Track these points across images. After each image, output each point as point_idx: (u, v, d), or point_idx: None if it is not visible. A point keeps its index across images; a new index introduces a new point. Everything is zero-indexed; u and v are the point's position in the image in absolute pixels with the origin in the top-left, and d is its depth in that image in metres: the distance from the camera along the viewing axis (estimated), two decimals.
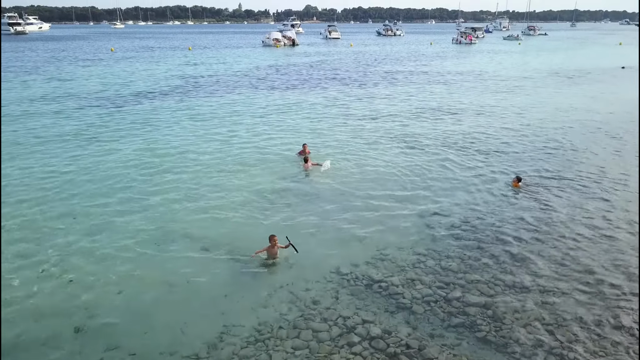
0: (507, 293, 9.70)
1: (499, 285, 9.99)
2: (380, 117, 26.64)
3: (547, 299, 9.48)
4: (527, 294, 9.63)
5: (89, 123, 25.24)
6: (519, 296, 9.57)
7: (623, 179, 16.30)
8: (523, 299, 9.46)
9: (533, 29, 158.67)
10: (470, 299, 9.48)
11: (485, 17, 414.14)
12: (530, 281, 10.11)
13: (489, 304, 9.33)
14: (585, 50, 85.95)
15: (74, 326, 8.75)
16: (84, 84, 40.77)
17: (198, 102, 31.92)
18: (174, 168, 17.52)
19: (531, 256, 11.16)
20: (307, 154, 18.03)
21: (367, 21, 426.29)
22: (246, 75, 47.78)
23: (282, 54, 78.27)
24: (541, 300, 9.45)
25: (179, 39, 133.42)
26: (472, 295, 9.59)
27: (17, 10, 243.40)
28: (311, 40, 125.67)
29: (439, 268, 10.71)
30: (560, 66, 56.05)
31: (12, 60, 62.52)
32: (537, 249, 11.50)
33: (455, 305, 9.32)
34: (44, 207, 13.98)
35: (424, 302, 9.41)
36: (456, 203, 14.34)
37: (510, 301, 9.41)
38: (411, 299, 9.53)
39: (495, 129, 23.73)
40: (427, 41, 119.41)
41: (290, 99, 32.99)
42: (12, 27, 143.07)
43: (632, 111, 27.92)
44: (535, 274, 10.37)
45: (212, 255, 11.30)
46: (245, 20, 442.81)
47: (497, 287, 9.92)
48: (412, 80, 43.84)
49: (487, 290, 9.81)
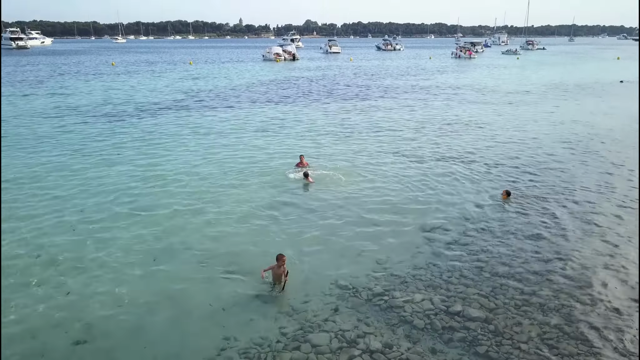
0: (508, 307, 9.64)
1: (499, 299, 9.94)
2: (380, 131, 26.71)
3: (548, 313, 9.43)
4: (527, 308, 9.58)
5: (89, 137, 25.31)
6: (519, 310, 9.52)
7: (622, 193, 16.32)
8: (524, 314, 9.41)
9: (532, 44, 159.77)
10: (471, 312, 9.43)
11: (483, 32, 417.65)
12: (530, 295, 10.06)
13: (490, 318, 9.28)
14: (583, 65, 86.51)
15: (72, 340, 8.70)
16: (84, 98, 40.95)
17: (198, 115, 32.04)
18: (175, 182, 17.53)
19: (531, 270, 11.12)
20: (304, 165, 18.07)
21: (366, 36, 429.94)
22: (247, 89, 48.04)
23: (283, 68, 78.77)
24: (542, 314, 9.40)
25: (180, 54, 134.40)
26: (472, 309, 9.54)
27: (19, 25, 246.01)
28: (311, 54, 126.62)
29: (439, 281, 10.66)
30: (560, 80, 56.36)
31: (14, 74, 62.88)
32: (536, 264, 11.46)
33: (456, 319, 9.26)
34: (43, 219, 13.97)
35: (425, 316, 9.35)
36: (456, 217, 14.32)
37: (511, 316, 9.36)
38: (412, 312, 9.48)
39: (495, 142, 23.79)
40: (427, 55, 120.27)
41: (290, 113, 33.11)
42: (14, 42, 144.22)
43: (630, 125, 28.04)
44: (535, 288, 10.33)
45: (210, 269, 11.26)
46: (246, 35, 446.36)
47: (497, 301, 9.87)
48: (413, 94, 44.05)
49: (487, 304, 9.75)
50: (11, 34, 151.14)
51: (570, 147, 22.76)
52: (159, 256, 11.87)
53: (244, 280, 10.73)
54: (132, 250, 12.12)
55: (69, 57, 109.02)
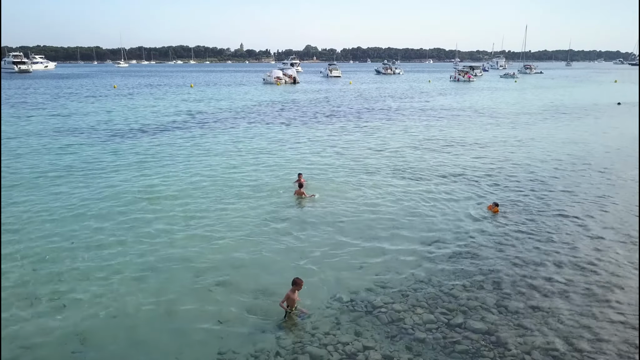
0: (510, 319, 9.48)
1: (502, 311, 9.78)
2: (380, 150, 26.74)
3: (551, 324, 9.27)
4: (530, 320, 9.42)
5: (90, 156, 25.33)
6: (522, 322, 9.35)
7: (617, 212, 16.27)
8: (527, 325, 9.24)
9: (529, 68, 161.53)
10: (473, 324, 9.26)
11: (481, 56, 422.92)
12: (533, 306, 9.90)
13: (493, 330, 9.11)
14: (581, 88, 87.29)
15: (68, 351, 8.53)
16: (85, 119, 41.15)
17: (199, 136, 32.12)
18: (175, 199, 17.46)
19: (533, 282, 10.98)
20: (302, 183, 18.21)
21: (365, 61, 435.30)
22: (247, 110, 48.32)
23: (283, 91, 79.35)
24: (545, 325, 9.24)
25: (181, 77, 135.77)
26: (474, 321, 9.37)
27: (23, 49, 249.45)
28: (311, 78, 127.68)
29: (440, 294, 10.51)
30: (558, 102, 56.76)
31: (15, 96, 63.36)
32: (538, 275, 11.32)
33: (458, 331, 9.10)
34: (41, 233, 13.86)
35: (426, 329, 9.18)
36: (456, 231, 14.22)
37: (514, 327, 9.19)
38: (413, 325, 9.31)
39: (492, 160, 23.78)
40: (426, 79, 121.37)
41: (290, 133, 33.21)
42: (17, 66, 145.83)
43: (628, 145, 28.13)
44: (537, 299, 10.18)
45: (207, 282, 11.12)
46: (247, 60, 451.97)
47: (500, 313, 9.71)
48: (414, 115, 44.26)
49: (489, 316, 9.59)
50: (14, 58, 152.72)
51: (570, 163, 22.76)
52: (155, 269, 11.73)
53: (241, 293, 10.58)
54: (130, 263, 11.99)
55: (71, 81, 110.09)
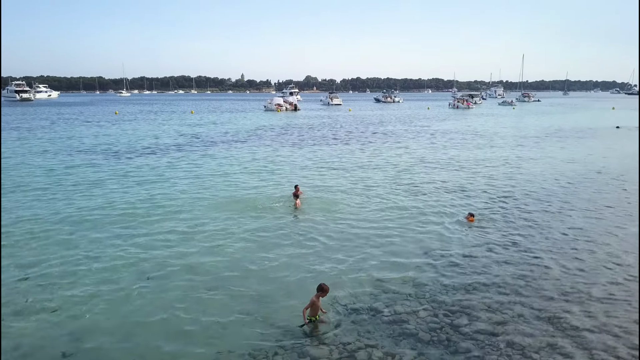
0: (517, 321, 9.21)
1: (507, 313, 9.52)
2: (380, 168, 26.71)
3: (558, 325, 9.01)
4: (537, 322, 9.16)
5: (91, 176, 25.32)
6: (530, 324, 9.09)
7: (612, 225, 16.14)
8: (534, 326, 8.98)
9: (528, 96, 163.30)
10: (478, 325, 9.00)
11: (479, 86, 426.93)
12: (539, 308, 9.66)
13: (499, 330, 8.85)
14: (579, 114, 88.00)
15: (61, 352, 8.27)
16: (86, 141, 41.34)
17: (201, 156, 32.16)
18: (176, 213, 17.34)
19: (538, 284, 10.76)
20: (299, 194, 18.19)
21: (365, 91, 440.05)
22: (248, 134, 48.53)
23: (285, 117, 79.85)
24: (552, 325, 8.98)
25: (182, 105, 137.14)
26: (480, 323, 9.10)
27: (27, 79, 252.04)
28: (312, 106, 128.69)
29: (443, 297, 10.27)
30: (557, 126, 57.10)
31: (18, 121, 63.83)
32: (540, 276, 11.11)
33: (462, 331, 8.83)
34: (38, 237, 13.70)
35: (430, 329, 8.92)
36: (457, 237, 14.06)
37: (521, 329, 8.92)
38: (416, 326, 9.05)
39: (490, 177, 23.75)
40: (425, 107, 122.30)
41: (289, 153, 33.25)
42: (18, 94, 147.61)
43: (625, 165, 28.18)
44: (543, 301, 9.94)
45: (205, 285, 10.90)
46: (248, 90, 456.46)
47: (505, 315, 9.45)
48: (415, 137, 44.44)
49: (495, 317, 9.33)
50: (16, 87, 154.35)
51: (568, 182, 22.75)
52: (152, 274, 11.53)
53: (240, 295, 10.36)
54: (126, 268, 11.80)
55: (74, 108, 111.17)
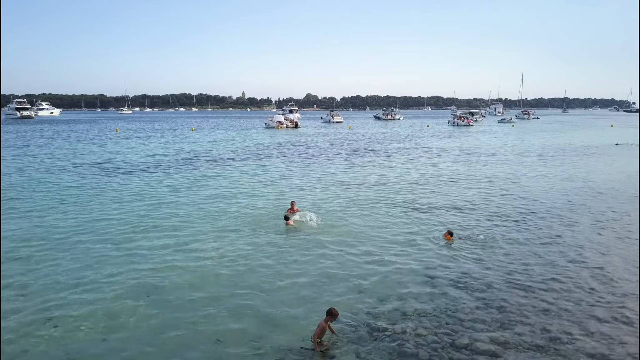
0: (519, 341, 9.09)
1: (508, 333, 9.39)
2: (379, 184, 26.67)
3: (561, 346, 8.88)
4: (539, 342, 9.04)
5: (90, 192, 25.29)
6: (531, 344, 8.98)
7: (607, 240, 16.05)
8: (536, 347, 8.86)
9: (527, 113, 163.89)
10: (480, 346, 8.88)
11: (479, 104, 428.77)
12: (542, 330, 9.55)
13: (501, 351, 8.72)
14: (579, 131, 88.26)
15: None
16: (87, 158, 41.39)
17: (202, 174, 32.14)
18: (175, 229, 17.28)
19: (539, 305, 10.66)
20: (295, 211, 18.11)
21: (365, 108, 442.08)
22: (248, 151, 48.60)
23: (286, 134, 79.98)
24: (553, 346, 8.86)
25: (183, 122, 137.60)
26: (481, 343, 8.99)
27: (29, 97, 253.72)
28: (313, 124, 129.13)
29: (444, 316, 10.16)
30: (557, 143, 57.20)
31: (19, 138, 64.03)
32: (542, 297, 11.00)
33: (463, 352, 8.71)
34: (36, 251, 13.60)
35: (430, 349, 8.79)
36: (459, 256, 13.96)
37: (523, 350, 8.80)
38: (416, 345, 8.93)
39: (489, 195, 23.69)
40: (425, 124, 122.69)
41: (291, 170, 33.24)
42: (19, 112, 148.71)
43: (624, 182, 28.16)
44: (545, 322, 9.82)
45: (200, 305, 10.80)
46: (249, 107, 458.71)
47: (506, 335, 9.32)
48: (416, 155, 44.47)
49: (497, 338, 9.21)
50: (17, 104, 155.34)
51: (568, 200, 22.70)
52: (151, 292, 11.42)
53: (238, 312, 10.26)
54: (126, 286, 11.70)
55: (75, 125, 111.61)
